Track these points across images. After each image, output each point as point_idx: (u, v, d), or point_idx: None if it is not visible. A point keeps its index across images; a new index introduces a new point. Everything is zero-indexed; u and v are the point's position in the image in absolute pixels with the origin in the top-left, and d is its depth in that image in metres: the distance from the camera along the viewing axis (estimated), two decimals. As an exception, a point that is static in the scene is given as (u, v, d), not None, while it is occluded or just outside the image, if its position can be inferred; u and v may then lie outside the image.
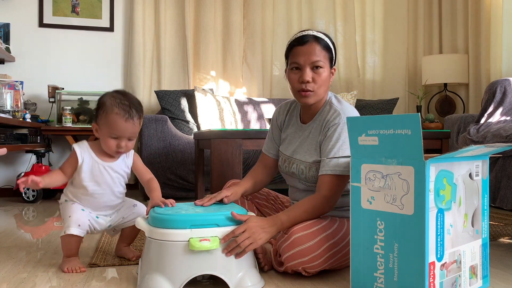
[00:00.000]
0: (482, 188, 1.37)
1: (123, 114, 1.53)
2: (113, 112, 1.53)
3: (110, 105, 1.54)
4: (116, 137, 1.55)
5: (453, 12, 4.36)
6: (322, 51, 1.55)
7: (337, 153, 1.51)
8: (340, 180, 1.51)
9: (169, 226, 1.34)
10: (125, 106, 1.54)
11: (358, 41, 4.47)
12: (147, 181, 1.67)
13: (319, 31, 1.61)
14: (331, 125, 1.55)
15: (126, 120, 1.53)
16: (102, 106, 1.56)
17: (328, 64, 1.57)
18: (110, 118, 1.53)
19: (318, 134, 1.61)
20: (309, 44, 1.55)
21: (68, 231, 1.54)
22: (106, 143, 1.57)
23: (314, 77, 1.55)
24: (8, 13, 3.74)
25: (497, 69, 3.79)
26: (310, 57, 1.54)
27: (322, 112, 1.63)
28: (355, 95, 4.01)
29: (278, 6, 4.28)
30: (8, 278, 1.50)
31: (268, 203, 1.88)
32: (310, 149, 1.62)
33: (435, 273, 1.17)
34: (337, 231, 1.49)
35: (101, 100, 1.57)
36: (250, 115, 3.88)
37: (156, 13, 3.98)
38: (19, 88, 3.32)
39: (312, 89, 1.56)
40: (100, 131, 1.57)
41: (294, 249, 1.42)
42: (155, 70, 4.00)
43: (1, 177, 3.72)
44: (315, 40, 1.55)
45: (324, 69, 1.55)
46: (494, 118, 2.93)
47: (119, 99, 1.55)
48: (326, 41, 1.57)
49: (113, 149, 1.57)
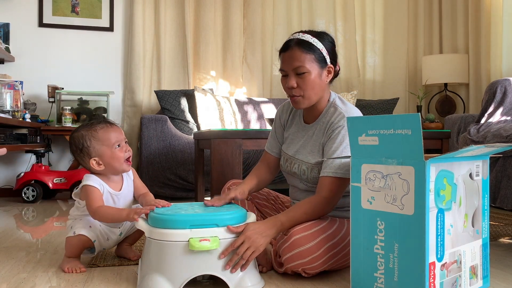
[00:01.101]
0: (482, 188, 1.37)
1: (105, 124, 1.59)
2: (98, 130, 1.57)
3: (88, 131, 1.57)
4: (118, 145, 1.57)
5: (453, 12, 4.36)
6: (306, 55, 1.51)
7: (339, 155, 1.51)
8: (341, 182, 1.50)
9: (169, 226, 1.34)
10: (98, 121, 1.60)
11: (358, 41, 4.47)
12: (142, 194, 1.68)
13: (309, 31, 1.58)
14: (335, 127, 1.54)
15: (112, 126, 1.59)
16: (84, 140, 1.56)
17: (316, 65, 1.53)
18: (101, 135, 1.56)
19: (321, 135, 1.60)
20: (291, 50, 1.53)
21: (78, 231, 1.54)
22: (115, 157, 1.56)
23: (298, 83, 1.54)
24: (8, 13, 3.74)
25: (497, 69, 3.79)
26: (292, 63, 1.53)
27: (326, 113, 1.61)
28: (355, 95, 4.01)
29: (278, 6, 4.28)
30: (8, 278, 1.50)
31: (269, 203, 1.88)
32: (313, 150, 1.61)
33: (435, 273, 1.17)
34: (337, 232, 1.49)
35: (78, 139, 1.57)
36: (250, 115, 3.88)
37: (156, 13, 3.98)
38: (19, 88, 3.31)
39: (298, 94, 1.55)
40: (102, 157, 1.56)
41: (294, 250, 1.42)
42: (155, 70, 4.00)
43: (1, 177, 3.72)
44: (297, 45, 1.53)
45: (310, 72, 1.52)
46: (495, 118, 2.93)
47: (87, 125, 1.59)
48: (310, 42, 1.53)
49: (123, 158, 1.58)
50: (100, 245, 1.61)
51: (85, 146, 1.56)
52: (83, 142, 1.56)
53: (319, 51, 1.53)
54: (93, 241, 1.57)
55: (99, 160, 1.56)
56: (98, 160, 1.56)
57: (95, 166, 1.56)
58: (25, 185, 3.33)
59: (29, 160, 3.70)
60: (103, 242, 1.61)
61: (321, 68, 1.55)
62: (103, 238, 1.61)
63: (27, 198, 3.33)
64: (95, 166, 1.56)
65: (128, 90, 3.91)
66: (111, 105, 3.81)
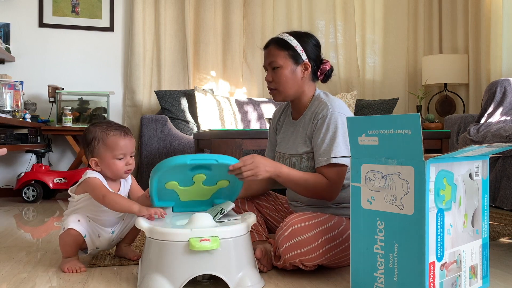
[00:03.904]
0: (482, 188, 1.37)
1: (120, 133, 1.58)
2: (110, 135, 1.57)
3: (102, 132, 1.57)
4: (121, 158, 1.57)
5: (453, 12, 4.36)
6: (280, 51, 1.64)
7: (328, 143, 1.56)
8: (338, 167, 1.55)
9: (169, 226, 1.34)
10: (116, 126, 1.60)
11: (358, 41, 4.47)
12: (139, 197, 1.69)
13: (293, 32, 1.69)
14: (319, 117, 1.60)
15: (125, 136, 1.59)
16: (94, 138, 1.57)
17: (289, 61, 1.64)
18: (110, 141, 1.56)
19: (307, 126, 1.66)
20: (268, 47, 1.69)
21: (66, 226, 1.54)
22: (114, 167, 1.57)
23: (273, 77, 1.67)
24: (8, 13, 3.74)
25: (497, 69, 3.79)
26: (267, 59, 1.68)
27: (311, 107, 1.69)
28: (355, 95, 4.01)
29: (278, 6, 4.28)
30: (8, 278, 1.50)
31: (269, 204, 1.89)
32: (300, 142, 1.67)
33: (435, 273, 1.17)
34: (335, 227, 1.51)
35: (90, 134, 1.58)
36: (250, 115, 3.88)
37: (156, 13, 3.98)
38: (19, 88, 3.31)
39: (274, 87, 1.68)
40: (102, 161, 1.57)
41: (292, 240, 1.44)
42: (155, 70, 4.00)
43: (1, 177, 3.72)
44: (274, 42, 1.67)
45: (282, 67, 1.64)
46: (494, 118, 2.93)
47: (105, 125, 1.59)
48: (286, 40, 1.65)
49: (122, 170, 1.59)
50: (92, 243, 1.60)
51: (92, 144, 1.58)
52: (92, 139, 1.57)
53: (293, 48, 1.64)
54: (84, 236, 1.56)
55: (98, 161, 1.58)
56: (97, 161, 1.58)
57: (93, 165, 1.58)
58: (26, 185, 3.33)
59: (29, 160, 3.71)
60: (94, 239, 1.61)
61: (295, 64, 1.65)
62: (94, 234, 1.60)
63: (27, 198, 3.33)
64: (93, 165, 1.58)
65: (128, 90, 3.91)
66: (111, 105, 3.81)
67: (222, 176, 1.52)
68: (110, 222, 1.64)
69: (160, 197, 1.53)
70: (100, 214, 1.60)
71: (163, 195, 1.53)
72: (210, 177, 1.50)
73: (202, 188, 1.53)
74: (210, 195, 1.58)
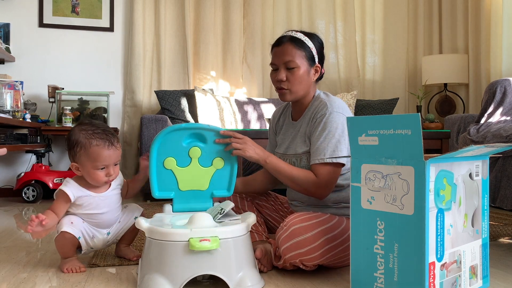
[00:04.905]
0: (482, 188, 1.37)
1: (104, 143, 1.51)
2: (92, 144, 1.50)
3: (85, 139, 1.51)
4: (103, 168, 1.53)
5: (453, 12, 4.36)
6: (297, 51, 1.61)
7: (323, 142, 1.56)
8: (331, 166, 1.55)
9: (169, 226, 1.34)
10: (101, 135, 1.52)
11: (358, 41, 4.47)
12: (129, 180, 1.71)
13: (301, 31, 1.66)
14: (318, 116, 1.60)
15: (109, 148, 1.52)
16: (76, 144, 1.51)
17: (305, 62, 1.62)
18: (92, 151, 1.50)
19: (306, 126, 1.66)
20: (284, 45, 1.63)
21: (60, 229, 1.53)
22: (94, 177, 1.53)
23: (287, 76, 1.62)
24: (8, 13, 3.74)
25: (497, 69, 3.79)
26: (283, 57, 1.62)
27: (311, 107, 1.68)
28: (355, 95, 4.01)
29: (278, 6, 4.28)
30: (8, 278, 1.50)
31: (268, 204, 1.89)
32: (300, 141, 1.67)
33: (435, 273, 1.17)
34: (335, 227, 1.50)
35: (72, 138, 1.53)
36: (250, 115, 3.88)
37: (156, 13, 3.98)
38: (19, 88, 3.31)
39: (286, 87, 1.63)
40: (83, 168, 1.53)
41: (292, 240, 1.44)
42: (155, 70, 4.00)
43: (1, 177, 3.72)
44: (290, 40, 1.62)
45: (299, 68, 1.61)
46: (494, 118, 2.93)
47: (91, 130, 1.52)
48: (302, 40, 1.62)
49: (103, 180, 1.54)
50: (86, 244, 1.59)
51: (74, 149, 1.53)
52: (75, 144, 1.52)
53: (310, 50, 1.63)
54: (78, 238, 1.55)
55: (79, 167, 1.54)
56: (78, 167, 1.54)
57: (74, 169, 1.55)
58: (26, 185, 3.33)
59: (29, 160, 3.71)
60: (89, 240, 1.60)
61: (310, 66, 1.64)
62: (88, 236, 1.59)
63: (27, 198, 3.33)
64: (74, 169, 1.55)
65: (128, 90, 3.91)
66: (111, 105, 3.81)
67: (217, 153, 1.57)
68: (105, 224, 1.63)
69: (160, 184, 1.55)
70: (95, 217, 1.59)
71: (163, 180, 1.55)
72: (205, 153, 1.56)
73: (199, 169, 1.56)
74: (208, 183, 1.59)
